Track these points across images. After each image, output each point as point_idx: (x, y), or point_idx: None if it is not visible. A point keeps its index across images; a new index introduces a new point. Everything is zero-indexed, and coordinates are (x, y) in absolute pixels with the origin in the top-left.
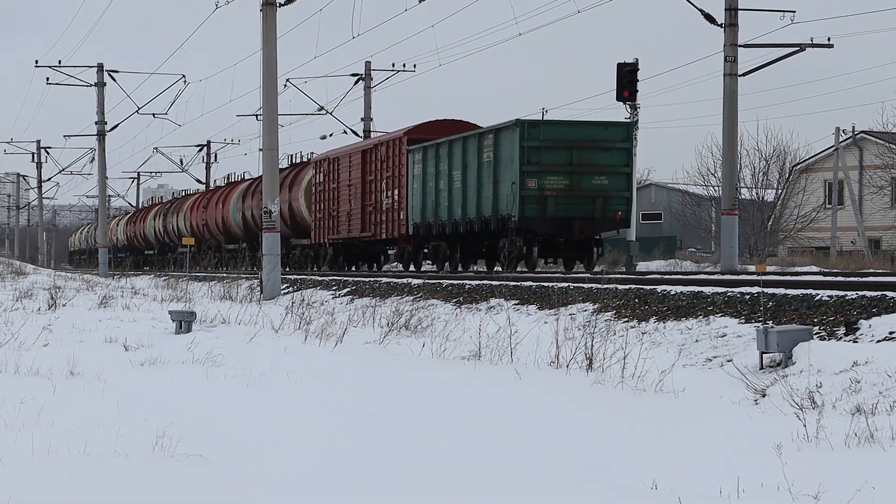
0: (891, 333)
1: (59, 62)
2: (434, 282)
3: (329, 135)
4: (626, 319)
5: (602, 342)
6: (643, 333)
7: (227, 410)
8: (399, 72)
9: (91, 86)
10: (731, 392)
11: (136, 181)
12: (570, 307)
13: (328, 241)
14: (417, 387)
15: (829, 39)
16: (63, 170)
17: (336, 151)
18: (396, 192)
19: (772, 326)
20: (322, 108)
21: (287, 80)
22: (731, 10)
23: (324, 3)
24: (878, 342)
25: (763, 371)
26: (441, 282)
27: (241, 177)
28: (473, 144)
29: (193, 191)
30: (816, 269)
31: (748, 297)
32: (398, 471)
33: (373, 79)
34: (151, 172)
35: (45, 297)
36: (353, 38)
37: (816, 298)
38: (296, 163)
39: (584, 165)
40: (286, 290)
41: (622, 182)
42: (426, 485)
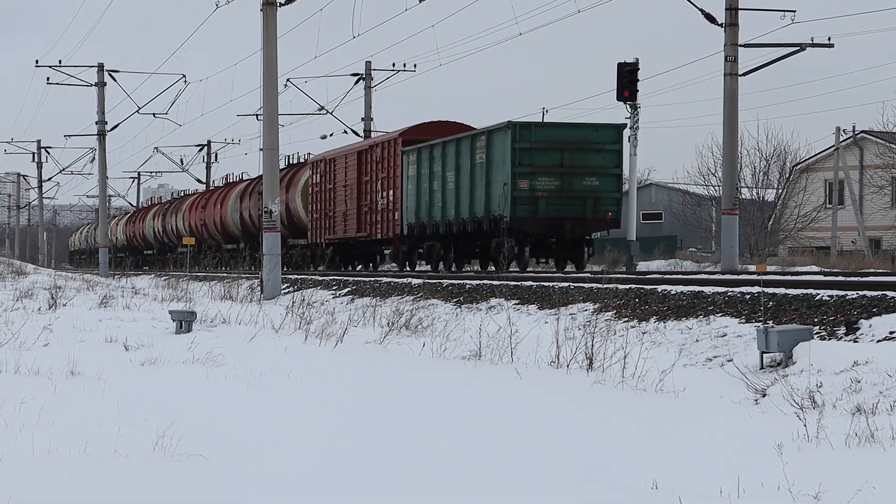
0: (891, 333)
1: (60, 62)
2: (434, 281)
3: (329, 135)
4: (627, 319)
5: (602, 342)
6: (643, 333)
7: (228, 410)
8: (399, 71)
9: (91, 86)
10: (732, 392)
11: (137, 181)
12: (571, 307)
13: (324, 242)
14: (418, 386)
15: (830, 39)
16: (63, 170)
17: (332, 152)
18: (391, 193)
19: (772, 326)
20: (322, 108)
21: (287, 80)
22: (732, 10)
23: (324, 3)
24: (879, 342)
25: (763, 371)
26: (441, 282)
27: (240, 177)
28: (466, 146)
29: (193, 191)
30: (817, 269)
31: (748, 297)
32: (398, 471)
33: (373, 78)
34: (152, 172)
35: (46, 297)
36: (354, 38)
37: (817, 298)
38: (293, 163)
39: (575, 167)
40: (286, 290)
41: (612, 183)
42: (426, 485)
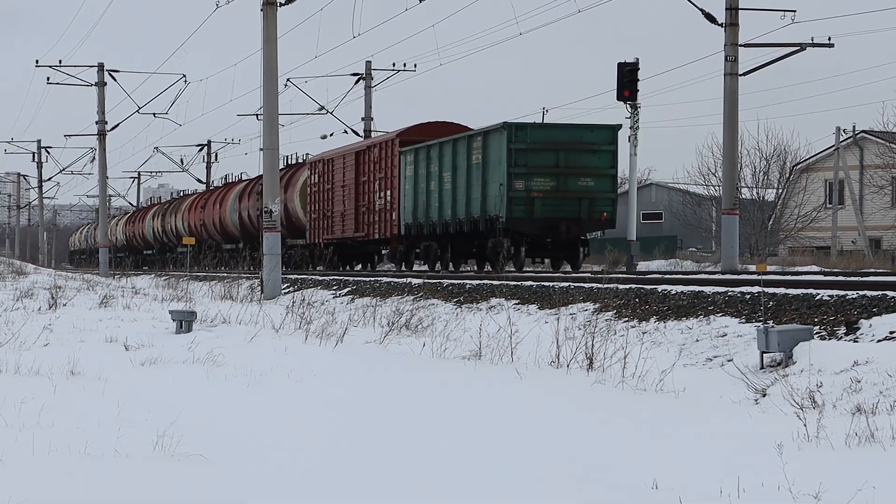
0: (891, 333)
1: (60, 62)
2: (434, 281)
3: (330, 134)
4: (627, 319)
5: (602, 342)
6: (644, 333)
7: (228, 410)
8: (399, 71)
9: (91, 85)
10: (732, 392)
11: (137, 181)
12: (571, 307)
13: (323, 242)
14: (418, 386)
15: (830, 39)
16: (63, 169)
17: (330, 153)
18: (389, 193)
19: (772, 326)
20: (322, 108)
21: (287, 80)
22: (732, 10)
23: (324, 3)
24: (879, 342)
25: (763, 371)
26: (441, 282)
27: (239, 177)
28: (463, 146)
29: (192, 191)
30: (817, 269)
31: (749, 297)
32: (398, 471)
33: (373, 78)
34: (152, 172)
35: (46, 297)
36: (354, 38)
37: (817, 298)
38: (291, 164)
39: (571, 167)
40: (286, 290)
41: (607, 184)
42: (426, 485)
